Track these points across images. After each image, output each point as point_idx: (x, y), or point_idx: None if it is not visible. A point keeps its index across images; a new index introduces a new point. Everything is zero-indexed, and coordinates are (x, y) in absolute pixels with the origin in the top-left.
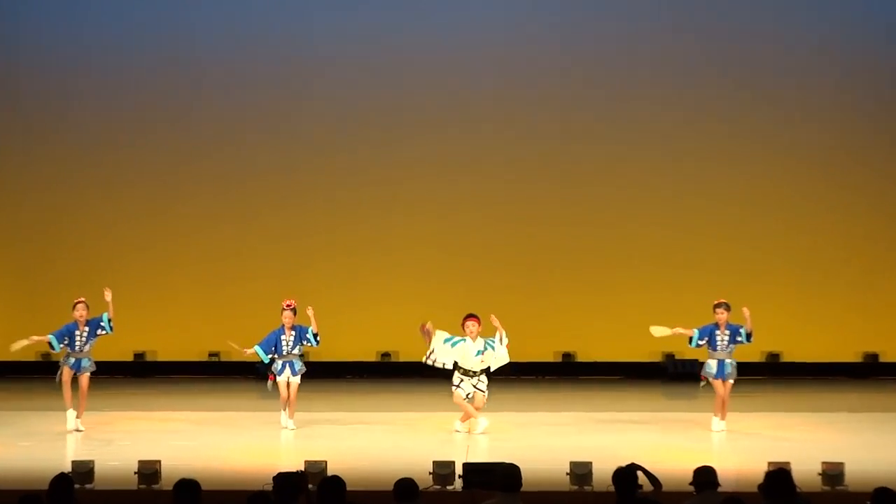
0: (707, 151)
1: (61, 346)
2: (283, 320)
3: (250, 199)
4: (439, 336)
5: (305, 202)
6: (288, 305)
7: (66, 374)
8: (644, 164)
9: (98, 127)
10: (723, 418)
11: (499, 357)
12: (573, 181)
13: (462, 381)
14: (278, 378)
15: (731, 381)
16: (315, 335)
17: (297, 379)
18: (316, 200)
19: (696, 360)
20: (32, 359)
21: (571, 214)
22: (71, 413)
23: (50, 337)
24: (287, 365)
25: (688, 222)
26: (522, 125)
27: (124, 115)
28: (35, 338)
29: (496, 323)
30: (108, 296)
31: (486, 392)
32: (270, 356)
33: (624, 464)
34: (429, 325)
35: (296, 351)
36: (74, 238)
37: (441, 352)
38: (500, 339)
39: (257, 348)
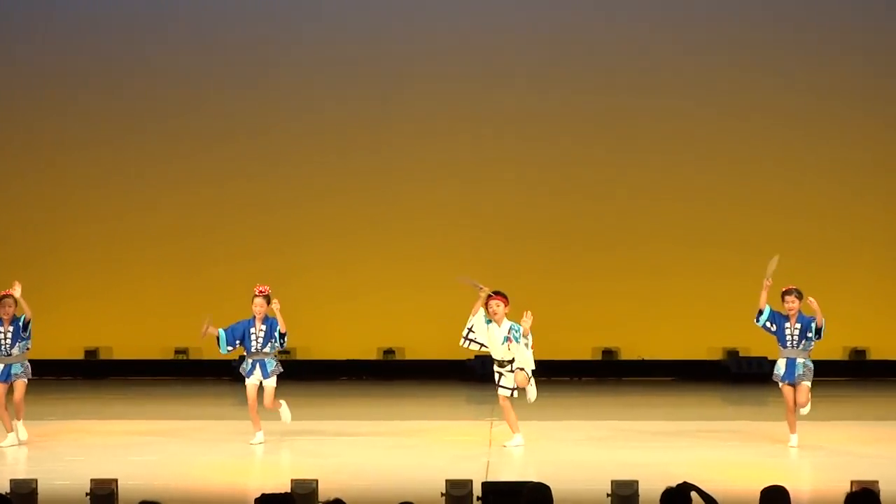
0: (775, 117)
1: None
2: (254, 310)
3: (224, 167)
4: (480, 314)
5: (290, 169)
6: (260, 292)
7: None
8: (702, 132)
9: (34, 83)
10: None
11: (522, 360)
12: (617, 145)
13: (501, 376)
14: (248, 380)
15: (807, 383)
16: (282, 335)
17: (272, 382)
18: (302, 167)
19: (765, 359)
20: None
21: (614, 185)
22: (11, 437)
23: None
24: (258, 365)
25: (753, 198)
26: (554, 79)
27: (67, 69)
28: None
29: (526, 323)
30: (17, 290)
31: (528, 369)
32: (231, 349)
33: (675, 483)
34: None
35: (267, 349)
36: (10, 212)
37: (480, 329)
38: (526, 340)
39: (221, 332)
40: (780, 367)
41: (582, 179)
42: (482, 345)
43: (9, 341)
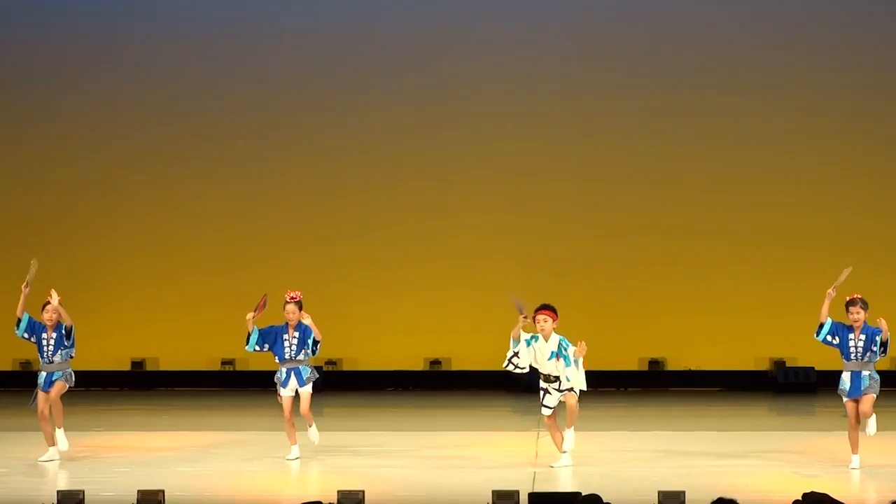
0: (821, 117)
1: (25, 335)
2: (286, 316)
3: (268, 179)
4: (523, 337)
5: (339, 182)
6: (292, 298)
7: (41, 402)
8: (745, 143)
9: (92, 118)
10: (869, 429)
11: (575, 380)
12: (662, 160)
13: (546, 394)
14: (282, 391)
15: (873, 394)
16: (316, 342)
17: (308, 389)
18: (352, 180)
19: (812, 369)
20: (9, 368)
21: (661, 197)
22: (52, 451)
23: (24, 315)
24: (292, 373)
25: (802, 194)
26: (593, 110)
27: (122, 106)
28: (26, 292)
29: (579, 351)
30: (55, 298)
31: (577, 390)
32: (257, 349)
33: (723, 496)
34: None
35: (301, 356)
36: (58, 225)
37: (523, 353)
38: (577, 362)
39: (255, 329)
40: (845, 382)
41: (630, 191)
42: (524, 369)
43: (52, 348)
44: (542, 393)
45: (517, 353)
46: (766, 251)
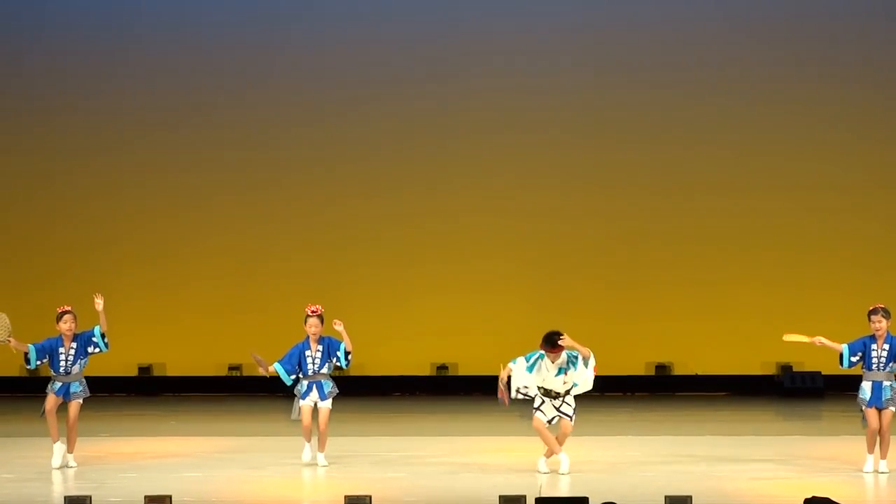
0: (824, 125)
1: (39, 362)
2: (308, 330)
3: (277, 194)
4: (519, 366)
5: (346, 191)
6: (313, 311)
7: (50, 401)
8: (751, 150)
9: (97, 125)
10: (883, 456)
11: (582, 381)
12: (666, 165)
13: (543, 402)
14: (302, 402)
15: (893, 409)
16: (347, 353)
17: (328, 404)
18: (361, 189)
19: (819, 373)
20: (16, 374)
21: (665, 202)
22: (59, 447)
23: (29, 347)
24: (314, 386)
25: (809, 201)
26: (602, 117)
27: (128, 113)
28: (14, 342)
29: (568, 342)
30: (100, 304)
31: (574, 417)
32: (294, 377)
33: (732, 500)
34: (503, 374)
35: (325, 370)
36: (67, 232)
37: (530, 382)
38: (585, 362)
39: (278, 366)
40: (866, 391)
41: (636, 197)
42: (535, 395)
43: (71, 359)
44: (538, 401)
45: (519, 389)
46: (773, 256)
